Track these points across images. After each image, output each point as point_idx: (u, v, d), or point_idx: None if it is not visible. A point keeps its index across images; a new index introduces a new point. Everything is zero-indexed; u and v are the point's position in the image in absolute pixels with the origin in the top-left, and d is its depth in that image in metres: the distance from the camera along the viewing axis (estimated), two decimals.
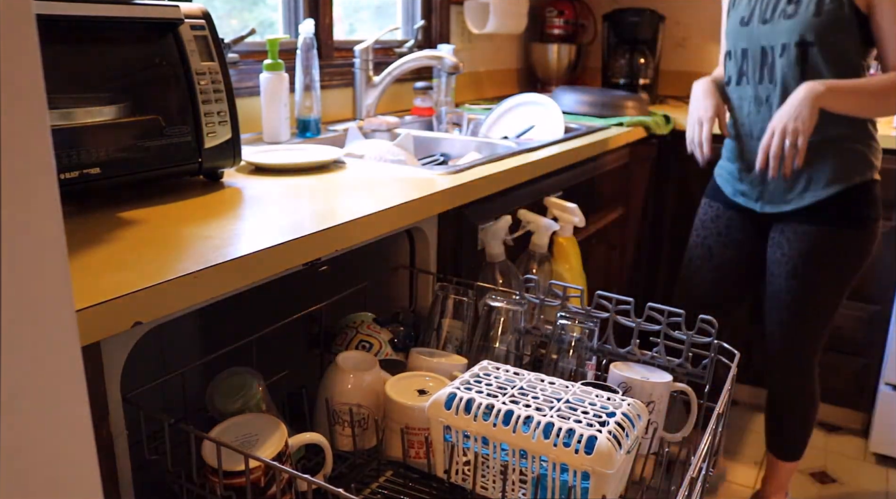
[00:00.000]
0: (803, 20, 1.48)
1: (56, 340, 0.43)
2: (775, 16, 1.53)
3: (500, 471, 0.77)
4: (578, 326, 1.02)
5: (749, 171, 1.63)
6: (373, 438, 0.97)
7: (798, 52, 1.50)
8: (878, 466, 2.23)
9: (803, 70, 1.51)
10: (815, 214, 1.57)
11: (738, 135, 1.66)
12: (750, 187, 1.65)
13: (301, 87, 1.69)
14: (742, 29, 1.60)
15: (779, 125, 1.45)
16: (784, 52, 1.52)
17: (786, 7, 1.52)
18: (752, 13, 1.59)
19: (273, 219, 1.00)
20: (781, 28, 1.52)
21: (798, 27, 1.49)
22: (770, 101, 1.57)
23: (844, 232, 1.56)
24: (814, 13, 1.47)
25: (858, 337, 2.28)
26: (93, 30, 1.01)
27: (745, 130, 1.63)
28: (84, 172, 0.96)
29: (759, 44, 1.57)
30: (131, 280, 0.74)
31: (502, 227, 1.33)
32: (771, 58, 1.55)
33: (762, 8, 1.57)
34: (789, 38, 1.51)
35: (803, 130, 1.42)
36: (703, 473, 0.80)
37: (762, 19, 1.56)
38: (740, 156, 1.66)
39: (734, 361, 0.92)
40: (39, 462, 0.44)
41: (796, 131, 1.43)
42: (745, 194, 1.67)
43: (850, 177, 1.54)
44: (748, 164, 1.63)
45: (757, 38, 1.57)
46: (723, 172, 1.75)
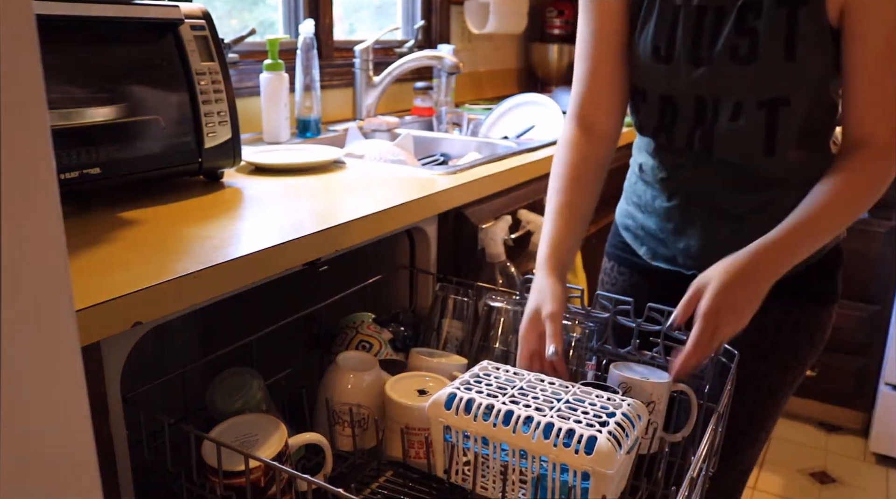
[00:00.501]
0: (770, 67, 0.91)
1: (56, 340, 0.43)
2: (717, 56, 0.93)
3: (500, 471, 0.77)
4: (578, 326, 1.02)
5: (681, 233, 1.06)
6: (373, 438, 0.97)
7: (763, 115, 0.93)
8: (878, 466, 2.23)
9: (770, 144, 0.95)
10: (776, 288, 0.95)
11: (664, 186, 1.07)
12: (683, 256, 1.07)
13: (301, 88, 1.69)
14: (659, 67, 0.98)
15: (707, 337, 0.86)
16: (738, 115, 0.94)
17: (735, 42, 0.91)
18: (674, 45, 0.96)
19: (273, 219, 1.00)
20: (732, 77, 0.93)
21: (762, 78, 0.92)
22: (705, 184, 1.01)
23: (809, 309, 1.05)
24: (784, 56, 0.89)
25: (858, 337, 2.28)
26: (93, 30, 1.01)
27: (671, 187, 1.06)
28: (84, 172, 0.96)
29: (691, 93, 0.97)
30: (131, 280, 0.74)
31: (502, 227, 1.33)
32: (712, 116, 0.97)
33: (690, 38, 0.95)
34: (747, 93, 0.93)
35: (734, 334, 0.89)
36: (703, 473, 0.80)
37: (693, 58, 0.95)
38: (665, 215, 1.07)
39: (734, 362, 0.92)
40: (39, 462, 0.44)
41: (729, 336, 0.88)
42: (671, 261, 1.09)
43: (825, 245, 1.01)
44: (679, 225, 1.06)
45: (687, 85, 0.97)
46: (632, 223, 1.15)
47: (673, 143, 1.02)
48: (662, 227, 1.08)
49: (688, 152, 1.01)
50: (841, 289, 1.08)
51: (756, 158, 0.96)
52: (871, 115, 0.91)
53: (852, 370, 2.31)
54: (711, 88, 0.95)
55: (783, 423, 2.43)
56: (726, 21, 0.92)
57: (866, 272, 2.21)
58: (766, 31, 0.89)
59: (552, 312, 0.91)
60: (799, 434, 2.38)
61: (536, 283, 0.97)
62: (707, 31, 0.94)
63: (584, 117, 1.06)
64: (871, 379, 2.28)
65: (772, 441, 2.34)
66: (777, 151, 0.95)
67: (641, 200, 1.12)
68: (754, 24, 0.90)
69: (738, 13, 0.91)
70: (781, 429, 2.40)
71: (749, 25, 0.90)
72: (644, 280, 1.14)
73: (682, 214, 1.05)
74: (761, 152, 0.96)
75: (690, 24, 0.95)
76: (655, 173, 1.07)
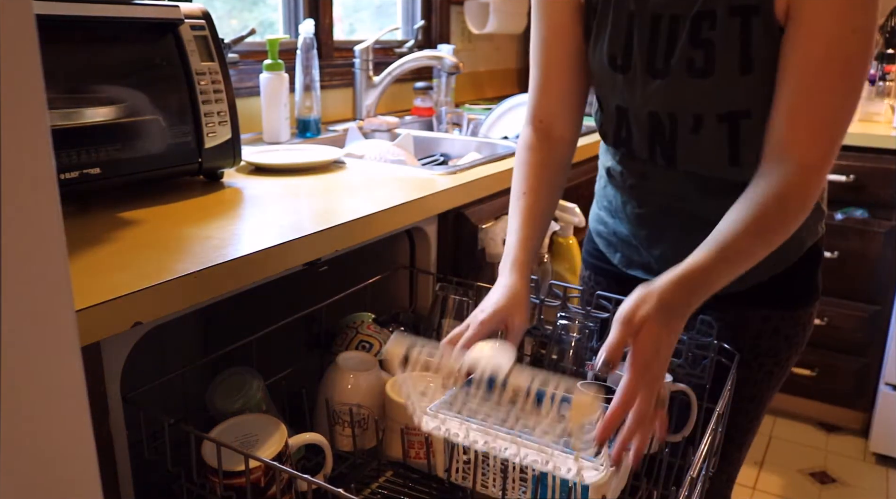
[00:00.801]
0: (726, 80, 0.87)
1: (56, 340, 0.43)
2: (674, 68, 0.89)
3: (501, 470, 0.77)
4: (579, 326, 1.02)
5: (655, 241, 1.04)
6: (373, 438, 0.97)
7: (725, 128, 0.90)
8: (879, 466, 2.23)
9: (734, 155, 0.91)
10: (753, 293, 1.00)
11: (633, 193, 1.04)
12: (658, 263, 1.04)
13: (301, 88, 1.69)
14: (615, 77, 0.95)
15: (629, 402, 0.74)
16: (699, 128, 0.91)
17: (691, 54, 0.88)
18: (630, 55, 0.93)
19: (273, 219, 1.00)
20: (689, 91, 0.90)
21: (720, 92, 0.88)
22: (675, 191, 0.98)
23: (788, 314, 1.03)
24: (740, 70, 0.86)
25: (858, 337, 2.28)
26: (93, 30, 1.01)
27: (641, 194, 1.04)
28: (84, 172, 0.96)
29: (646, 108, 0.94)
30: (131, 280, 0.74)
31: (502, 227, 1.33)
32: (670, 132, 0.94)
33: (646, 48, 0.91)
34: (705, 107, 0.90)
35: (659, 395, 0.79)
36: (703, 473, 0.80)
37: (650, 69, 0.91)
38: (637, 221, 1.05)
39: (734, 362, 0.92)
40: (39, 462, 0.44)
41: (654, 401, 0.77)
42: (647, 269, 1.06)
43: (803, 242, 1.01)
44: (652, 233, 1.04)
45: (643, 98, 0.93)
46: (604, 229, 1.13)
47: (633, 153, 1.00)
48: (635, 233, 1.06)
49: (651, 163, 0.98)
50: (821, 285, 1.06)
51: (721, 169, 0.92)
52: (796, 129, 0.84)
53: (852, 370, 2.31)
54: (667, 103, 0.92)
55: (783, 423, 2.43)
56: (681, 31, 0.88)
57: (866, 272, 2.21)
58: (722, 43, 0.85)
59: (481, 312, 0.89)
60: (799, 434, 2.38)
61: (504, 281, 0.93)
62: (662, 41, 0.90)
63: (540, 122, 1.04)
64: (871, 379, 2.28)
65: (772, 441, 2.34)
66: (742, 160, 0.91)
67: (612, 205, 1.09)
68: (709, 36, 0.86)
69: (693, 23, 0.86)
70: (781, 429, 2.41)
71: (704, 37, 0.86)
72: (620, 291, 1.02)
73: (655, 221, 1.03)
74: (726, 164, 0.92)
75: (646, 34, 0.91)
76: (624, 179, 1.04)
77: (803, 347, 1.07)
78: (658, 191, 1.00)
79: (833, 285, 2.26)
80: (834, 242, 2.21)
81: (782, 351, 1.04)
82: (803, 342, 1.06)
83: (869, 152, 2.13)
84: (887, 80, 2.44)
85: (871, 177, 2.14)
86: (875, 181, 2.14)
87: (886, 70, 2.43)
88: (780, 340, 1.03)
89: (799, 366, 2.37)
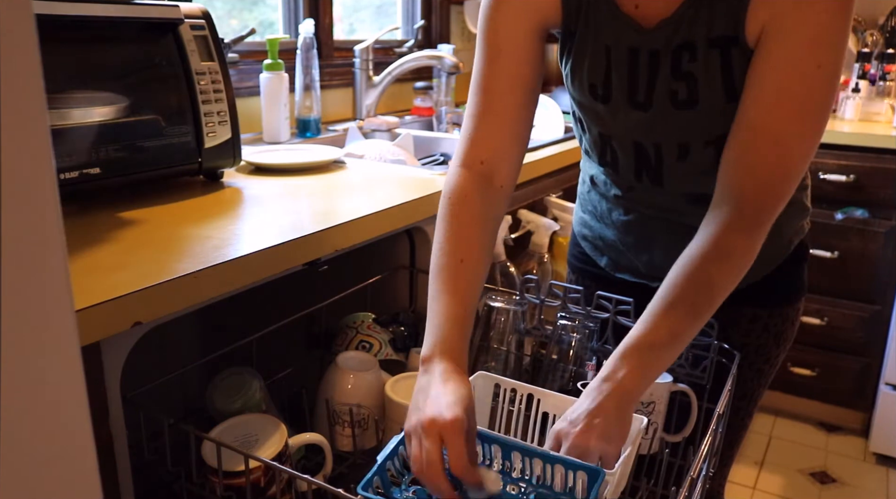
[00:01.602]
0: (712, 110, 0.83)
1: (56, 340, 0.43)
2: (657, 100, 0.86)
3: (500, 469, 0.77)
4: (579, 326, 1.02)
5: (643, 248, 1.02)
6: (373, 438, 0.97)
7: (712, 151, 0.86)
8: (879, 466, 2.23)
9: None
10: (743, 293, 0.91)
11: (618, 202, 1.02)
12: (647, 267, 1.02)
13: (301, 87, 1.69)
14: (597, 105, 0.90)
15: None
16: (686, 156, 0.88)
17: (674, 87, 0.84)
18: (609, 84, 0.88)
19: (273, 219, 1.00)
20: (674, 121, 0.86)
21: (706, 121, 0.84)
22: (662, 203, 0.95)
23: (777, 311, 1.02)
24: (725, 98, 0.82)
25: (859, 337, 2.28)
26: (93, 30, 1.01)
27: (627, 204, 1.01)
28: (84, 172, 0.96)
29: (629, 137, 0.91)
30: (131, 280, 0.74)
31: (502, 227, 1.33)
32: (656, 159, 0.91)
33: (626, 81, 0.87)
34: (692, 136, 0.87)
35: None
36: (703, 473, 0.80)
37: (631, 102, 0.87)
38: (624, 228, 1.02)
39: (734, 362, 0.92)
40: (39, 462, 0.44)
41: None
42: (635, 272, 1.05)
43: (790, 241, 1.01)
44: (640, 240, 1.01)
45: (626, 128, 0.90)
46: (589, 233, 1.10)
47: (619, 175, 0.96)
48: (622, 239, 1.03)
49: (637, 183, 0.95)
50: (807, 280, 1.06)
51: (710, 186, 0.85)
52: (740, 171, 0.79)
53: (852, 370, 2.31)
54: (651, 133, 0.88)
55: (783, 423, 2.43)
56: (662, 65, 0.84)
57: (866, 272, 2.21)
58: (704, 75, 0.82)
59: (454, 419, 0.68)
60: (799, 434, 2.38)
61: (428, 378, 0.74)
62: (643, 74, 0.85)
63: (481, 165, 0.87)
64: (871, 379, 2.28)
65: (772, 441, 2.34)
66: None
67: (597, 211, 1.06)
68: (690, 69, 0.83)
69: (674, 56, 0.83)
70: (782, 429, 2.41)
71: (685, 69, 0.83)
72: (609, 291, 1.03)
73: (642, 228, 1.00)
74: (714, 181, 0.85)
75: (624, 67, 0.86)
76: (608, 189, 1.01)
77: (791, 342, 1.08)
78: (645, 202, 0.98)
79: (833, 285, 2.26)
80: (834, 241, 2.21)
81: (772, 348, 1.04)
82: (791, 338, 1.07)
83: (869, 152, 2.13)
84: (887, 79, 2.43)
85: (872, 176, 2.14)
86: (875, 181, 2.14)
87: (886, 70, 2.43)
88: (769, 337, 1.03)
89: (799, 366, 2.37)
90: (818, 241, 2.22)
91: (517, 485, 0.74)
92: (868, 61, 2.45)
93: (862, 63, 2.45)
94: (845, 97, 2.45)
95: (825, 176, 2.18)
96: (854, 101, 2.42)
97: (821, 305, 2.29)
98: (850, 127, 2.28)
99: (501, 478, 0.73)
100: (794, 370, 2.38)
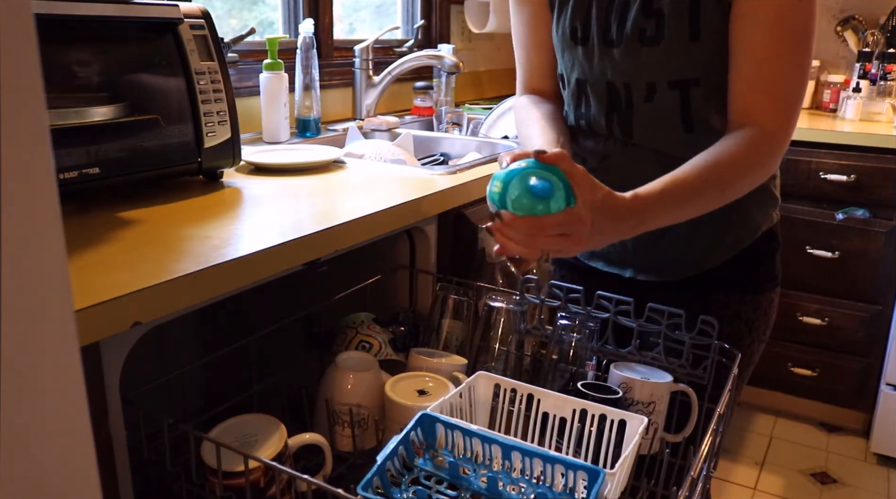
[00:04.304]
0: (675, 46, 0.90)
1: (55, 340, 0.43)
2: (626, 37, 0.93)
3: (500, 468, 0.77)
4: (579, 326, 1.02)
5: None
6: (373, 438, 0.97)
7: (676, 96, 0.93)
8: (879, 466, 2.23)
9: (687, 122, 0.94)
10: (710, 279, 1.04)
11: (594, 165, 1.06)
12: (618, 252, 1.08)
13: (301, 87, 1.69)
14: (575, 49, 1.00)
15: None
16: (651, 97, 0.94)
17: (642, 22, 0.91)
18: (589, 26, 0.97)
19: (273, 219, 1.00)
20: (641, 59, 0.93)
21: (669, 59, 0.91)
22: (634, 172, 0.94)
23: (748, 298, 1.05)
24: (689, 35, 0.89)
25: (859, 337, 2.27)
26: (93, 30, 1.00)
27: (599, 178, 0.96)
28: (83, 172, 0.96)
29: (603, 78, 0.97)
30: (131, 280, 0.74)
31: None
32: (626, 102, 0.97)
33: (602, 20, 0.96)
34: (657, 74, 0.93)
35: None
36: (704, 473, 0.80)
37: (605, 40, 0.95)
38: None
39: (735, 362, 0.92)
40: (38, 462, 0.44)
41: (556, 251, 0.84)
42: (606, 259, 1.10)
43: (757, 226, 1.03)
44: None
45: (601, 69, 0.97)
46: None
47: (593, 130, 1.03)
48: None
49: (610, 140, 1.01)
50: (780, 273, 1.08)
51: (676, 139, 0.94)
52: (754, 100, 0.88)
53: (853, 371, 2.31)
54: (621, 72, 0.96)
55: (784, 423, 2.43)
56: (634, 2, 0.93)
57: (867, 272, 2.21)
58: (671, 11, 0.90)
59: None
60: (800, 435, 2.37)
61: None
62: (617, 12, 0.94)
63: (532, 91, 1.12)
64: (872, 379, 2.28)
65: (772, 441, 2.34)
66: (695, 128, 0.95)
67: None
68: (660, 6, 0.90)
69: None
70: (782, 429, 2.40)
71: (656, 6, 0.91)
72: (585, 284, 1.05)
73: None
74: (681, 132, 0.95)
75: (602, 5, 0.96)
76: (585, 163, 1.03)
77: (766, 336, 1.10)
78: (615, 174, 0.97)
79: (834, 285, 2.26)
80: (835, 241, 2.21)
81: (744, 336, 1.06)
82: (765, 330, 1.09)
83: (870, 152, 2.13)
84: (888, 79, 2.43)
85: (872, 176, 2.14)
86: (876, 181, 2.14)
87: (888, 69, 2.43)
88: (740, 324, 1.06)
89: (800, 366, 2.37)
90: (819, 241, 2.22)
91: (517, 485, 0.74)
92: (869, 61, 2.45)
93: (863, 63, 2.45)
94: (846, 97, 2.45)
95: (826, 176, 2.18)
96: (855, 101, 2.41)
97: (821, 306, 2.29)
98: (850, 127, 2.28)
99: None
100: (794, 370, 2.38)
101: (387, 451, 0.72)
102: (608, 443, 0.81)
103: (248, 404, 1.01)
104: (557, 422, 0.83)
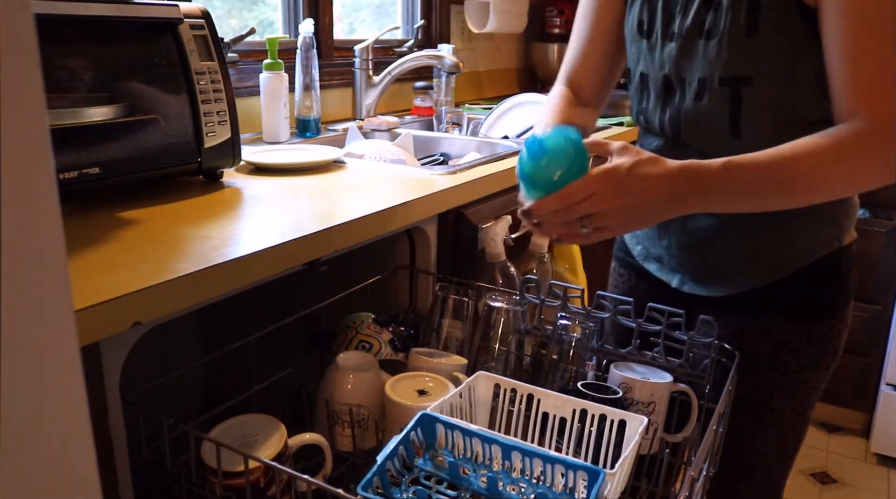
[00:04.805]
0: (730, 40, 0.87)
1: (55, 340, 0.43)
2: (686, 29, 0.91)
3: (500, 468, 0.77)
4: (579, 326, 1.02)
5: (663, 230, 1.04)
6: (373, 438, 0.97)
7: (727, 94, 0.90)
8: (880, 466, 2.23)
9: (735, 126, 0.91)
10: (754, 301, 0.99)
11: None
12: (667, 255, 1.05)
13: (301, 87, 1.69)
14: (640, 42, 1.00)
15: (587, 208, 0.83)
16: (702, 94, 0.92)
17: (703, 16, 0.90)
18: (654, 18, 0.96)
19: (273, 219, 1.00)
20: (696, 52, 0.91)
21: (724, 53, 0.88)
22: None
23: (792, 326, 0.98)
24: (745, 31, 0.86)
25: (859, 337, 2.27)
26: (92, 29, 1.00)
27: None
28: (83, 171, 0.96)
29: (661, 72, 0.96)
30: (130, 280, 0.74)
31: (502, 227, 1.33)
32: (679, 97, 0.95)
33: (666, 12, 0.95)
34: (710, 70, 0.90)
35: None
36: (704, 473, 0.80)
37: (667, 33, 0.95)
38: None
39: (734, 362, 0.92)
40: (38, 463, 0.44)
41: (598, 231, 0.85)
42: (660, 262, 1.08)
43: (804, 252, 0.96)
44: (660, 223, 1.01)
45: (660, 62, 0.96)
46: None
47: (650, 126, 1.03)
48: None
49: (661, 138, 1.01)
50: (843, 302, 0.99)
51: (722, 142, 0.90)
52: (852, 94, 0.83)
53: (853, 371, 2.31)
54: (678, 65, 0.94)
55: None
56: None
57: (867, 272, 2.21)
58: (730, 3, 0.87)
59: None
60: None
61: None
62: (682, 5, 0.93)
63: (570, 83, 1.14)
64: (872, 380, 2.28)
65: None
66: (743, 133, 0.90)
67: None
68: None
69: None
70: None
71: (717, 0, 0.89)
72: (641, 283, 1.10)
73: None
74: (727, 134, 0.91)
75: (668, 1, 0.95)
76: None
77: (827, 362, 1.01)
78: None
79: None
80: None
81: (790, 364, 0.99)
82: (823, 358, 1.00)
83: None
84: None
85: None
86: None
87: None
88: (784, 352, 0.99)
89: None
90: None
91: (517, 485, 0.74)
92: None
93: None
94: None
95: None
96: None
97: None
98: None
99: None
100: None
101: (387, 451, 0.72)
102: (608, 443, 0.81)
103: (248, 404, 1.01)
104: (557, 422, 0.83)
